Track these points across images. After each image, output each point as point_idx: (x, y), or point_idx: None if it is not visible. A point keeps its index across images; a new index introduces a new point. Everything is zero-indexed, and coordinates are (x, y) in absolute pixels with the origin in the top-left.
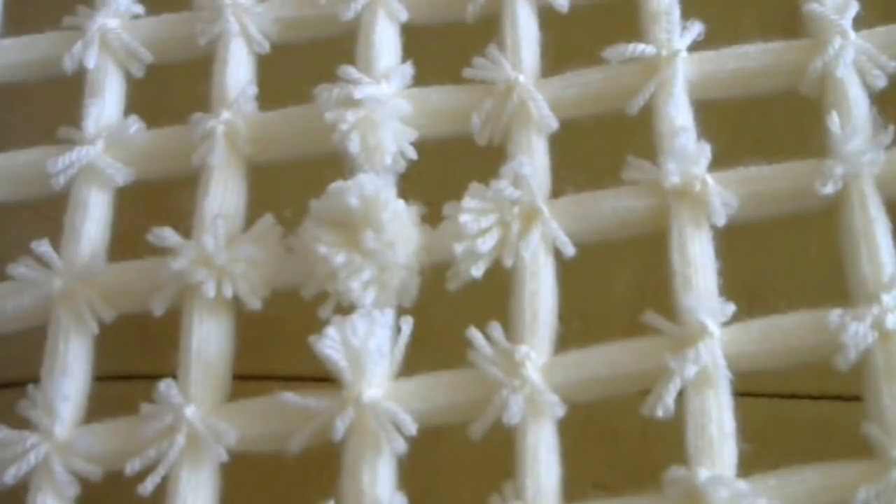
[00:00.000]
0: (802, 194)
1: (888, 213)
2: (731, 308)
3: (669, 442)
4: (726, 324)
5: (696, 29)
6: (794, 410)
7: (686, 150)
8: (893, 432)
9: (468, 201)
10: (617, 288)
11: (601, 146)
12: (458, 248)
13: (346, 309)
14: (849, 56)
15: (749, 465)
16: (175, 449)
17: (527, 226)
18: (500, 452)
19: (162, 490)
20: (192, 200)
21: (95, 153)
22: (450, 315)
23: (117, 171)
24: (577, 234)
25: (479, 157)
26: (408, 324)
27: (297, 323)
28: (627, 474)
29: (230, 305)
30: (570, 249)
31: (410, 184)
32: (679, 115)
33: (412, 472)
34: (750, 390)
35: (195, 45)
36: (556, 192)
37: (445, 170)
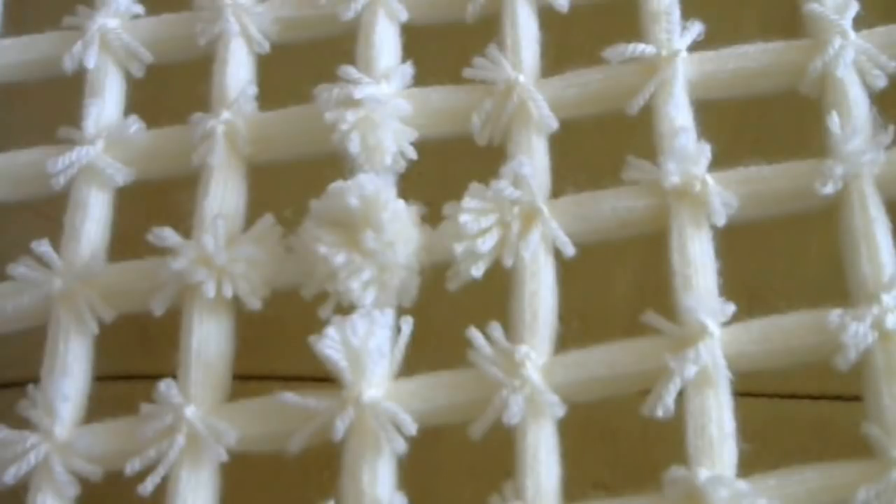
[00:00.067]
0: (802, 194)
1: (888, 213)
2: (731, 308)
3: (669, 442)
4: (726, 324)
5: (696, 29)
6: (794, 410)
7: (686, 150)
8: (893, 432)
9: (468, 201)
10: (617, 288)
11: (601, 146)
12: (458, 248)
13: (346, 309)
14: (849, 56)
15: (749, 465)
16: (175, 449)
17: (527, 226)
18: (500, 452)
19: (162, 490)
20: (192, 200)
21: (95, 153)
22: (450, 315)
23: (117, 171)
24: (577, 234)
25: (479, 157)
26: (408, 324)
27: (297, 323)
28: (627, 474)
29: (230, 305)
30: (570, 249)
31: (410, 184)
32: (679, 115)
33: (412, 472)
34: (750, 390)
35: (195, 45)
36: (556, 192)
37: (445, 170)
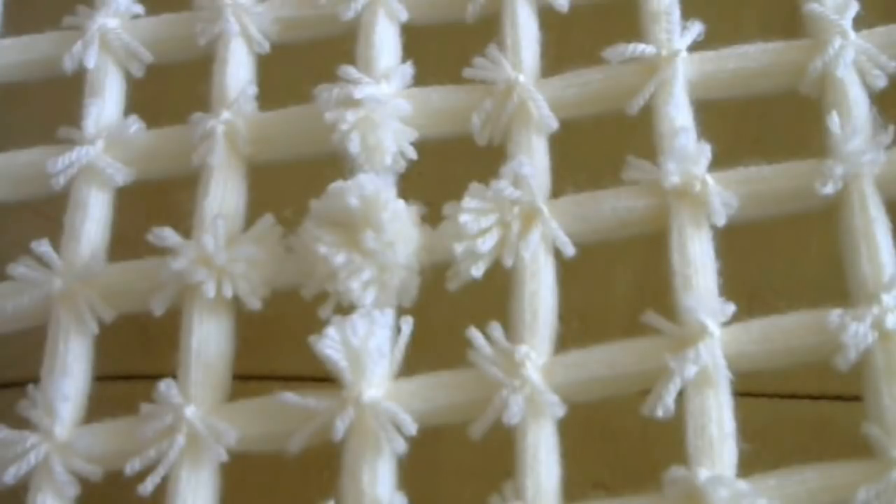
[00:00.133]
0: (802, 194)
1: (888, 213)
2: (731, 308)
3: (669, 442)
4: (726, 324)
5: (696, 29)
6: (794, 410)
7: (686, 150)
8: (893, 432)
9: (468, 201)
10: (617, 288)
11: (601, 146)
12: (458, 248)
13: (346, 309)
14: (849, 56)
15: (749, 465)
16: (175, 449)
17: (527, 226)
18: (500, 452)
19: (162, 490)
20: (192, 200)
21: (95, 153)
22: (450, 315)
23: (117, 171)
24: (577, 234)
25: (479, 157)
26: (408, 324)
27: (297, 323)
28: (627, 474)
29: (230, 305)
30: (570, 249)
31: (410, 184)
32: (679, 115)
33: (412, 472)
34: (750, 390)
35: (195, 45)
36: (556, 192)
37: (445, 170)
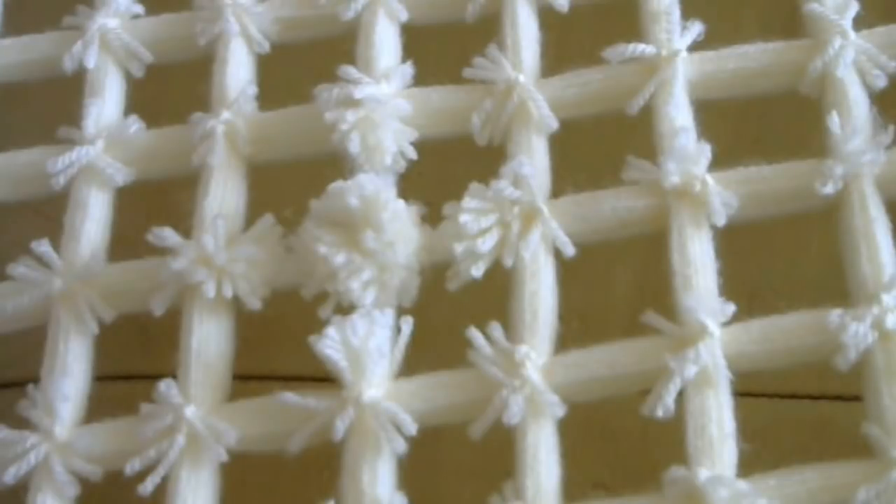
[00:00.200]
0: (802, 194)
1: (888, 213)
2: (731, 308)
3: (669, 442)
4: (726, 324)
5: (696, 29)
6: (794, 410)
7: (686, 150)
8: (893, 432)
9: (468, 201)
10: (617, 288)
11: (601, 146)
12: (458, 248)
13: (346, 309)
14: (849, 56)
15: (749, 465)
16: (175, 449)
17: (527, 226)
18: (500, 452)
19: (162, 490)
20: (192, 200)
21: (95, 153)
22: (450, 315)
23: (117, 171)
24: (577, 234)
25: (479, 157)
26: (408, 324)
27: (297, 323)
28: (627, 474)
29: (230, 305)
30: (570, 249)
31: (410, 184)
32: (679, 115)
33: (412, 472)
34: (750, 390)
35: (195, 45)
36: (556, 192)
37: (445, 170)
